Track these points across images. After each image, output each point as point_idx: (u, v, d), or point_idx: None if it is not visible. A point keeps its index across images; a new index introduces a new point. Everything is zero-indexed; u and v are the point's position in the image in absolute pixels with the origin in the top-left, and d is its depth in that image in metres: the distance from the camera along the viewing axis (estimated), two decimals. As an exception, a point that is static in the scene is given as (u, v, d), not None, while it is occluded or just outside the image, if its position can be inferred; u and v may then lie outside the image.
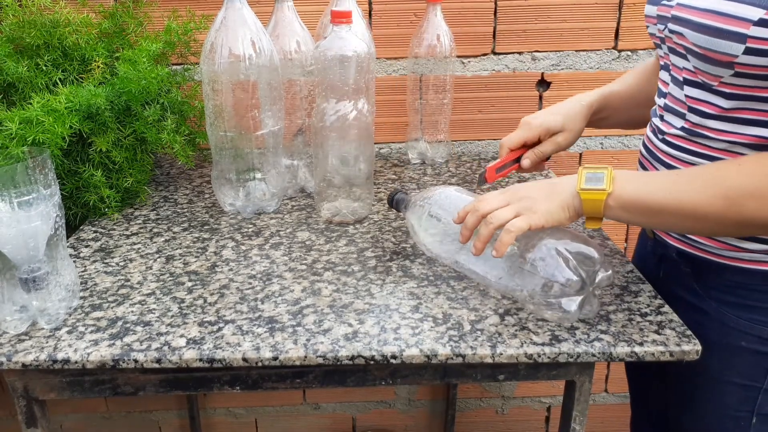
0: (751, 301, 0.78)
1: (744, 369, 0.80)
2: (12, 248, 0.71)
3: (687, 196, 0.69)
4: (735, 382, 0.81)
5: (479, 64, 1.35)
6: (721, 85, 0.73)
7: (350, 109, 0.97)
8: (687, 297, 0.84)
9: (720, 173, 0.69)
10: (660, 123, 0.83)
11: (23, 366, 0.71)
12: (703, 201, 0.68)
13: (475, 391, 1.65)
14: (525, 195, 0.75)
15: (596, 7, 1.31)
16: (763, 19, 0.65)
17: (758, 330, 0.78)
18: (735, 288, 0.79)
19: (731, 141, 0.73)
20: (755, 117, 0.71)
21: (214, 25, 0.96)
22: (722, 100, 0.73)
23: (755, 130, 0.71)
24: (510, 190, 0.77)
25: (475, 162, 1.32)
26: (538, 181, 0.77)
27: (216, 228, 1.02)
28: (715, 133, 0.75)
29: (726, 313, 0.80)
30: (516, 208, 0.74)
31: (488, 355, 0.71)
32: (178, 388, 0.77)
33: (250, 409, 1.65)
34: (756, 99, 0.70)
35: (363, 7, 1.29)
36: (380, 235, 0.99)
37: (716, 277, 0.80)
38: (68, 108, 0.93)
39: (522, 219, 0.73)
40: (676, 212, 0.70)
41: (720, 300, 0.80)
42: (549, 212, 0.73)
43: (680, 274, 0.85)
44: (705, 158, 0.76)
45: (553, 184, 0.76)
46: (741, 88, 0.71)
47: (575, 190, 0.73)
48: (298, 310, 0.79)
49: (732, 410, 0.82)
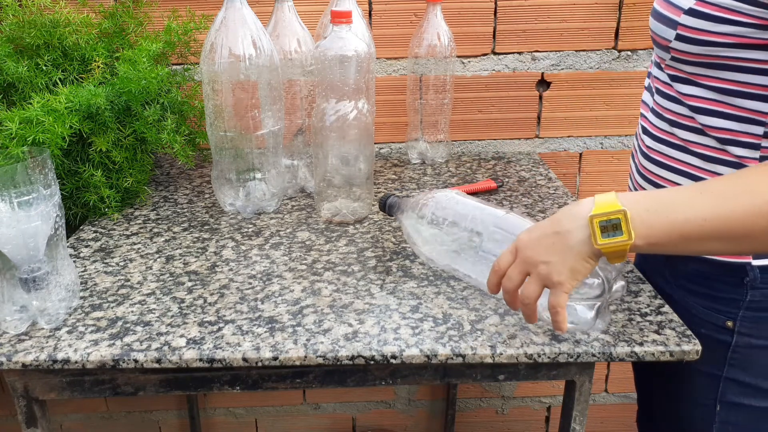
0: (712, 291, 0.81)
1: (708, 357, 0.81)
2: (12, 248, 0.71)
3: (724, 218, 0.61)
4: (701, 369, 0.83)
5: (479, 64, 1.35)
6: (666, 68, 0.78)
7: (350, 109, 0.97)
8: (660, 283, 0.88)
9: (753, 186, 0.62)
10: (642, 105, 0.89)
11: (23, 366, 0.71)
12: (744, 220, 0.61)
13: (475, 391, 1.65)
14: (538, 260, 0.66)
15: (596, 7, 1.31)
16: (692, 8, 0.70)
17: (715, 318, 0.80)
18: (697, 277, 0.82)
19: (683, 125, 0.78)
20: (699, 104, 0.76)
21: (214, 25, 0.96)
22: (671, 82, 0.78)
23: (701, 117, 0.76)
24: (519, 251, 0.68)
25: (475, 162, 1.32)
26: (541, 230, 0.67)
27: (216, 228, 1.02)
28: (671, 115, 0.80)
29: (689, 301, 0.83)
30: (538, 279, 0.67)
31: (488, 355, 0.71)
32: (178, 388, 0.77)
33: (250, 409, 1.65)
34: (698, 85, 0.75)
35: (363, 7, 1.29)
36: (380, 235, 0.99)
37: (683, 266, 0.84)
38: (68, 108, 0.93)
39: (557, 295, 0.66)
40: (716, 237, 0.62)
41: (685, 288, 0.84)
42: (574, 272, 0.65)
43: (655, 260, 0.89)
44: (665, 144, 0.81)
45: (560, 234, 0.66)
46: (681, 72, 0.76)
47: (592, 245, 0.64)
48: (298, 310, 0.79)
49: (700, 398, 0.84)
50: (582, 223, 0.65)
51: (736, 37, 0.69)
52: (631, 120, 1.39)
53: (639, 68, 1.35)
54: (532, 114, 1.39)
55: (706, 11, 0.69)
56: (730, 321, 0.79)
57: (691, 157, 0.79)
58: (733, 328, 0.79)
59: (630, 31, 1.32)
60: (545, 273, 0.66)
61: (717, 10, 0.69)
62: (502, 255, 0.70)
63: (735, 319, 0.79)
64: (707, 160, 0.77)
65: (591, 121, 1.39)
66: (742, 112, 0.73)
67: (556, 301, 0.66)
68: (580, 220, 0.65)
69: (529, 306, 0.68)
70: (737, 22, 0.68)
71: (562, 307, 0.66)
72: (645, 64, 1.34)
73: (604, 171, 1.43)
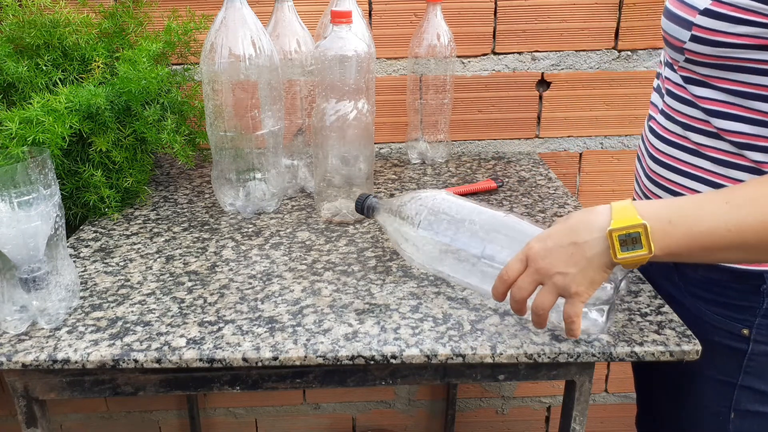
0: (724, 298, 0.79)
1: (721, 365, 0.81)
2: (12, 248, 0.71)
3: (750, 228, 0.60)
4: (713, 377, 0.82)
5: (479, 64, 1.35)
6: (680, 70, 0.76)
7: (350, 109, 0.97)
8: (670, 289, 0.86)
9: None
10: (650, 107, 0.87)
11: (23, 366, 0.71)
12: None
13: (475, 391, 1.65)
14: (554, 271, 0.65)
15: (596, 7, 1.31)
16: (708, 9, 0.68)
17: (730, 326, 0.79)
18: (708, 284, 0.81)
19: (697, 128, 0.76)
20: (713, 107, 0.74)
21: (214, 25, 0.96)
22: (684, 84, 0.76)
23: (715, 121, 0.74)
24: (531, 261, 0.67)
25: (475, 162, 1.32)
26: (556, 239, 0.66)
27: (216, 228, 1.02)
28: (684, 118, 0.77)
29: (701, 308, 0.82)
30: (553, 290, 0.66)
31: (488, 355, 0.71)
32: (178, 388, 0.77)
33: (250, 409, 1.65)
34: (712, 87, 0.73)
35: (363, 7, 1.29)
36: (380, 235, 0.99)
37: (693, 272, 0.82)
38: (68, 108, 0.93)
39: (574, 305, 0.65)
40: (740, 247, 0.61)
41: (696, 295, 0.82)
42: (592, 282, 0.64)
43: (665, 266, 0.87)
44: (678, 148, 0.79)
45: (578, 246, 0.64)
46: (695, 74, 0.74)
47: (611, 257, 0.63)
48: (298, 310, 0.79)
49: (713, 405, 0.83)
50: (600, 235, 0.63)
51: (753, 38, 0.67)
52: (632, 120, 1.39)
53: (639, 68, 1.35)
54: (532, 114, 1.39)
55: (722, 11, 0.67)
56: (746, 329, 0.78)
57: (705, 162, 0.77)
58: (749, 336, 0.78)
59: (630, 31, 1.32)
60: (562, 284, 0.65)
61: (733, 11, 0.67)
62: (510, 263, 0.68)
63: (751, 327, 0.77)
64: (722, 165, 0.75)
65: (591, 121, 1.39)
66: (759, 115, 0.71)
67: (573, 311, 0.65)
68: (598, 232, 0.63)
69: (542, 316, 0.67)
70: (754, 22, 0.66)
71: (579, 316, 0.66)
72: (645, 64, 1.34)
73: (604, 171, 1.43)
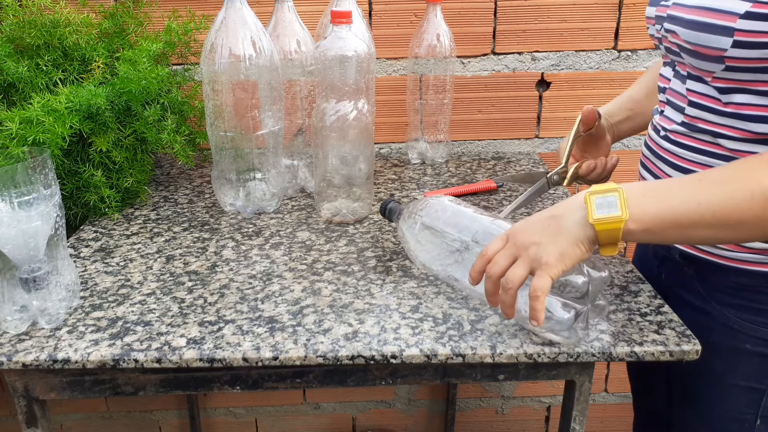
0: (756, 303, 0.77)
1: (749, 371, 0.79)
2: (12, 248, 0.71)
3: (719, 203, 0.62)
4: (740, 384, 0.80)
5: (479, 64, 1.35)
6: (714, 80, 0.73)
7: (350, 109, 0.97)
8: (690, 299, 0.84)
9: (751, 174, 0.63)
10: (660, 119, 0.83)
11: (23, 366, 0.71)
12: (740, 206, 0.62)
13: (475, 391, 1.65)
14: (530, 241, 0.66)
15: (596, 7, 1.31)
16: (749, 11, 0.66)
17: (762, 332, 0.77)
18: (738, 290, 0.78)
19: (729, 136, 0.73)
20: (751, 112, 0.71)
21: (214, 25, 0.96)
22: (718, 94, 0.73)
23: (752, 125, 0.71)
24: (511, 237, 0.68)
25: (475, 162, 1.32)
26: (537, 216, 0.68)
27: (216, 228, 1.02)
28: (714, 127, 0.75)
29: (729, 316, 0.79)
30: (526, 261, 0.66)
31: (488, 355, 0.71)
32: (178, 388, 0.77)
33: (250, 409, 1.65)
34: (751, 92, 0.71)
35: (363, 7, 1.29)
36: (380, 235, 0.99)
37: (719, 279, 0.80)
38: (68, 108, 0.93)
39: (541, 278, 0.65)
40: (710, 223, 0.63)
41: (723, 302, 0.80)
42: (563, 255, 0.65)
43: (683, 276, 0.84)
44: (706, 154, 0.76)
45: (555, 217, 0.66)
46: (734, 82, 0.71)
47: (586, 221, 0.64)
48: (298, 310, 0.79)
49: (736, 412, 0.82)
50: (578, 205, 0.66)
51: None
52: (631, 120, 1.39)
53: (639, 68, 1.35)
54: (532, 114, 1.39)
55: (764, 12, 0.65)
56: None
57: None
58: None
59: (630, 31, 1.32)
60: (534, 254, 0.65)
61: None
62: (492, 241, 0.69)
63: None
64: None
65: (591, 121, 1.39)
66: None
67: (539, 284, 0.64)
68: (576, 203, 0.66)
69: (510, 291, 0.66)
70: None
71: (544, 292, 0.64)
72: (645, 64, 1.34)
73: (604, 171, 1.43)
